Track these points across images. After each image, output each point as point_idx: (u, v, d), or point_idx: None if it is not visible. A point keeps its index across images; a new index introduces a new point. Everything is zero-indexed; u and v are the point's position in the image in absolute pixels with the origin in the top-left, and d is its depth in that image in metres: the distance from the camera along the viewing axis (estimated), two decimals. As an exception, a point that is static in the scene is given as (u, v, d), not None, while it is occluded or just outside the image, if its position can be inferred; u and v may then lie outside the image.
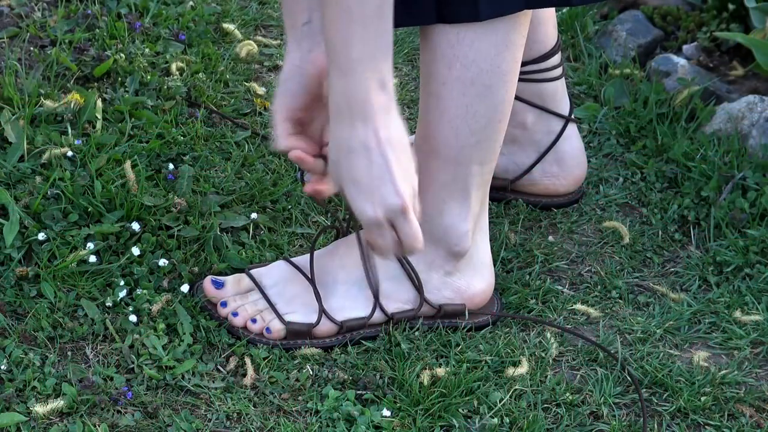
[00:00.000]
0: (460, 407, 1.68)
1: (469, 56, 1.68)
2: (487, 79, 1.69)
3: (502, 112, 1.73)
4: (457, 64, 1.68)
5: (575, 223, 2.06)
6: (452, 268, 1.80)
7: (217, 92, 2.25)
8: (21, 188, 1.91)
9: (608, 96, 2.30)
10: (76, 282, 1.80)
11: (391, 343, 1.77)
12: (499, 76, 1.70)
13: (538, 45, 1.97)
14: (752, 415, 1.72)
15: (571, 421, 1.68)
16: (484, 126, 1.72)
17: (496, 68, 1.69)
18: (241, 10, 2.56)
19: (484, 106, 1.71)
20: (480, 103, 1.70)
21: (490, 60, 1.68)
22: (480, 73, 1.69)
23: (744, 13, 2.42)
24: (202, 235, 1.88)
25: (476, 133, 1.72)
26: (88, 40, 2.30)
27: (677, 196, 2.10)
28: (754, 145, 2.14)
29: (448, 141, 1.72)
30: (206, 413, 1.65)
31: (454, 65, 1.69)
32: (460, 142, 1.72)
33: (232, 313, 1.76)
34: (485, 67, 1.69)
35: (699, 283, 1.96)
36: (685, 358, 1.81)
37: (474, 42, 1.67)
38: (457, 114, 1.71)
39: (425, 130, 1.74)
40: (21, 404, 1.62)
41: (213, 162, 2.07)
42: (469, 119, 1.71)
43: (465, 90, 1.70)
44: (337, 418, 1.65)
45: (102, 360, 1.71)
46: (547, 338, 1.81)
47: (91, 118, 2.07)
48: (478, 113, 1.71)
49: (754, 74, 2.38)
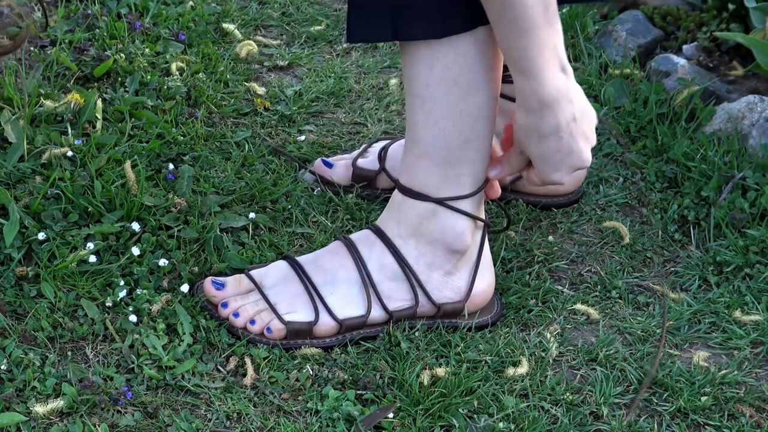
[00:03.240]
0: (460, 407, 1.68)
1: (449, 56, 1.68)
2: (470, 78, 1.69)
3: (489, 109, 1.73)
4: (438, 65, 1.69)
5: (575, 223, 2.06)
6: (452, 268, 1.80)
7: (217, 92, 2.25)
8: (21, 188, 1.91)
9: (608, 96, 2.30)
10: (76, 282, 1.80)
11: (391, 343, 1.77)
12: (481, 73, 1.70)
13: None
14: (752, 415, 1.72)
15: (571, 421, 1.69)
16: (471, 125, 1.72)
17: (479, 65, 1.69)
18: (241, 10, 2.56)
19: (469, 105, 1.71)
20: (464, 101, 1.71)
21: (471, 58, 1.69)
22: (462, 72, 1.69)
23: (744, 13, 2.42)
24: (202, 235, 1.88)
25: (464, 132, 1.72)
26: (88, 40, 2.30)
27: (677, 196, 2.10)
28: (754, 145, 2.14)
29: (437, 142, 1.73)
30: (206, 413, 1.65)
31: (435, 66, 1.69)
32: (448, 142, 1.72)
33: (233, 313, 1.76)
34: (466, 66, 1.69)
35: (699, 283, 1.96)
36: (685, 358, 1.81)
37: (453, 41, 1.67)
38: (443, 114, 1.71)
39: (413, 133, 1.75)
40: (21, 404, 1.62)
41: (213, 162, 2.07)
42: (456, 119, 1.71)
43: (448, 90, 1.70)
44: (337, 418, 1.65)
45: (102, 360, 1.71)
46: (547, 338, 1.81)
47: (91, 118, 2.07)
48: (464, 112, 1.71)
49: (754, 74, 2.38)
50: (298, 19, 2.60)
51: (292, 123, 2.25)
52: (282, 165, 2.10)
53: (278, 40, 2.52)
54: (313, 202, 2.02)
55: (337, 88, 2.35)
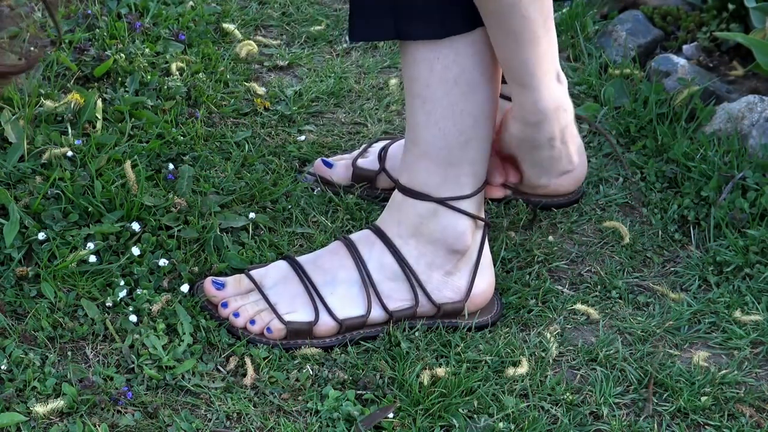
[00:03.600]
0: (460, 407, 1.68)
1: (450, 56, 1.68)
2: (470, 77, 1.70)
3: (490, 109, 1.73)
4: (438, 65, 1.69)
5: (575, 223, 2.06)
6: (452, 268, 1.80)
7: (217, 92, 2.25)
8: (21, 188, 1.91)
9: (608, 96, 2.30)
10: (76, 282, 1.80)
11: (391, 343, 1.77)
12: (482, 72, 1.70)
13: None
14: (752, 415, 1.72)
15: (571, 421, 1.68)
16: (472, 125, 1.72)
17: (479, 65, 1.69)
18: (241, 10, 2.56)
19: (470, 104, 1.71)
20: (465, 101, 1.71)
21: (470, 59, 1.69)
22: (462, 72, 1.69)
23: (744, 13, 2.42)
24: (202, 235, 1.88)
25: (464, 132, 1.72)
26: (88, 40, 2.30)
27: (677, 196, 2.10)
28: (754, 145, 2.14)
29: (437, 142, 1.72)
30: (206, 413, 1.65)
31: (434, 66, 1.69)
32: (448, 142, 1.72)
33: (233, 313, 1.76)
34: (467, 66, 1.69)
35: (699, 283, 1.96)
36: (685, 358, 1.81)
37: (453, 41, 1.67)
38: (444, 115, 1.71)
39: (413, 133, 1.75)
40: (21, 404, 1.62)
41: (213, 162, 2.07)
42: (456, 118, 1.71)
43: (449, 90, 1.70)
44: (337, 418, 1.65)
45: (102, 360, 1.71)
46: (547, 338, 1.81)
47: (91, 118, 2.07)
48: (464, 111, 1.71)
49: (754, 74, 2.38)
50: (298, 19, 2.60)
51: (292, 123, 2.25)
52: (282, 165, 2.10)
53: (278, 40, 2.52)
54: (313, 202, 2.02)
55: (337, 88, 2.35)
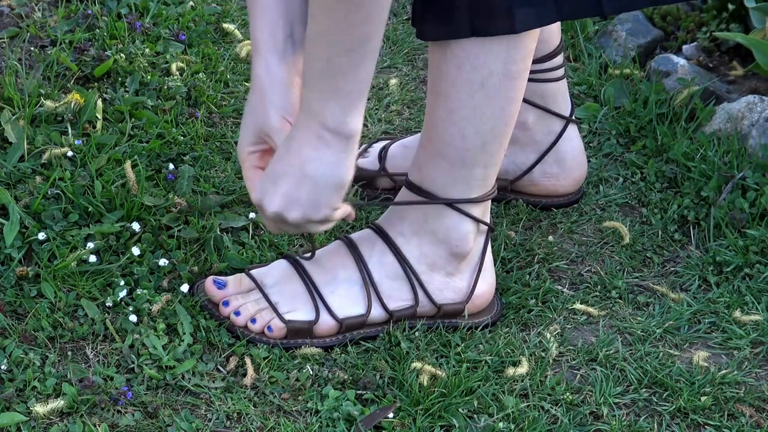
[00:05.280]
0: (460, 407, 1.68)
1: (480, 58, 1.67)
2: (496, 82, 1.69)
3: (510, 115, 1.72)
4: (467, 66, 1.68)
5: (575, 223, 2.06)
6: (454, 269, 1.80)
7: (217, 92, 2.25)
8: (21, 188, 1.91)
9: (608, 96, 2.30)
10: (76, 282, 1.80)
11: (391, 342, 1.77)
12: (508, 79, 1.69)
13: (542, 44, 1.96)
14: (752, 415, 1.72)
15: (571, 421, 1.69)
16: (491, 128, 1.71)
17: (507, 71, 1.68)
18: (241, 10, 2.56)
19: (492, 108, 1.70)
20: (488, 105, 1.70)
21: (500, 63, 1.68)
22: (490, 76, 1.68)
23: (744, 13, 2.42)
24: (202, 235, 1.88)
25: (482, 135, 1.71)
26: (88, 40, 2.30)
27: (677, 196, 2.10)
28: (754, 145, 2.14)
29: (454, 142, 1.72)
30: (206, 413, 1.65)
31: (464, 66, 1.68)
32: (466, 143, 1.72)
33: (234, 312, 1.76)
34: (495, 70, 1.68)
35: (699, 283, 1.96)
36: (685, 358, 1.81)
37: (485, 44, 1.66)
38: (465, 115, 1.70)
39: (431, 131, 1.74)
40: (21, 404, 1.62)
41: (213, 162, 2.07)
42: (476, 121, 1.70)
43: (473, 92, 1.69)
44: (337, 418, 1.65)
45: (102, 360, 1.71)
46: (547, 338, 1.81)
47: (91, 118, 2.07)
48: (485, 115, 1.70)
49: (754, 74, 2.38)
50: (298, 19, 2.60)
51: (292, 123, 2.24)
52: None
53: (278, 40, 2.52)
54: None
55: (337, 88, 2.35)
